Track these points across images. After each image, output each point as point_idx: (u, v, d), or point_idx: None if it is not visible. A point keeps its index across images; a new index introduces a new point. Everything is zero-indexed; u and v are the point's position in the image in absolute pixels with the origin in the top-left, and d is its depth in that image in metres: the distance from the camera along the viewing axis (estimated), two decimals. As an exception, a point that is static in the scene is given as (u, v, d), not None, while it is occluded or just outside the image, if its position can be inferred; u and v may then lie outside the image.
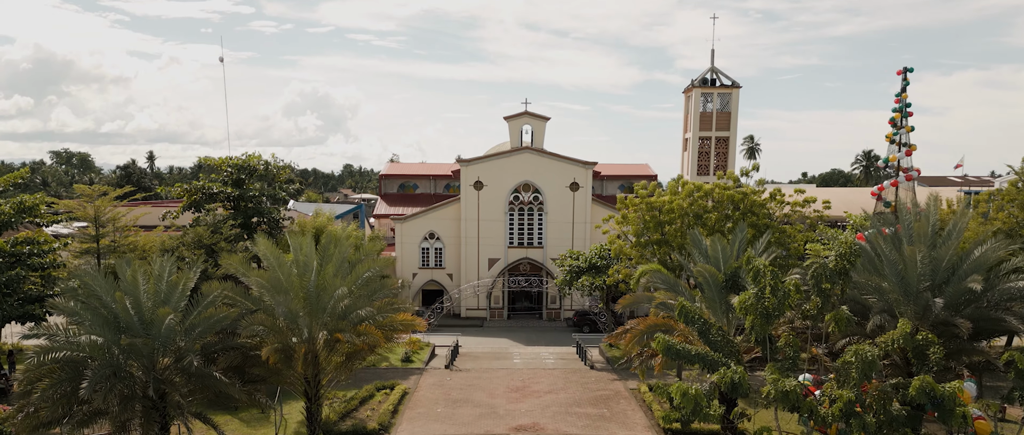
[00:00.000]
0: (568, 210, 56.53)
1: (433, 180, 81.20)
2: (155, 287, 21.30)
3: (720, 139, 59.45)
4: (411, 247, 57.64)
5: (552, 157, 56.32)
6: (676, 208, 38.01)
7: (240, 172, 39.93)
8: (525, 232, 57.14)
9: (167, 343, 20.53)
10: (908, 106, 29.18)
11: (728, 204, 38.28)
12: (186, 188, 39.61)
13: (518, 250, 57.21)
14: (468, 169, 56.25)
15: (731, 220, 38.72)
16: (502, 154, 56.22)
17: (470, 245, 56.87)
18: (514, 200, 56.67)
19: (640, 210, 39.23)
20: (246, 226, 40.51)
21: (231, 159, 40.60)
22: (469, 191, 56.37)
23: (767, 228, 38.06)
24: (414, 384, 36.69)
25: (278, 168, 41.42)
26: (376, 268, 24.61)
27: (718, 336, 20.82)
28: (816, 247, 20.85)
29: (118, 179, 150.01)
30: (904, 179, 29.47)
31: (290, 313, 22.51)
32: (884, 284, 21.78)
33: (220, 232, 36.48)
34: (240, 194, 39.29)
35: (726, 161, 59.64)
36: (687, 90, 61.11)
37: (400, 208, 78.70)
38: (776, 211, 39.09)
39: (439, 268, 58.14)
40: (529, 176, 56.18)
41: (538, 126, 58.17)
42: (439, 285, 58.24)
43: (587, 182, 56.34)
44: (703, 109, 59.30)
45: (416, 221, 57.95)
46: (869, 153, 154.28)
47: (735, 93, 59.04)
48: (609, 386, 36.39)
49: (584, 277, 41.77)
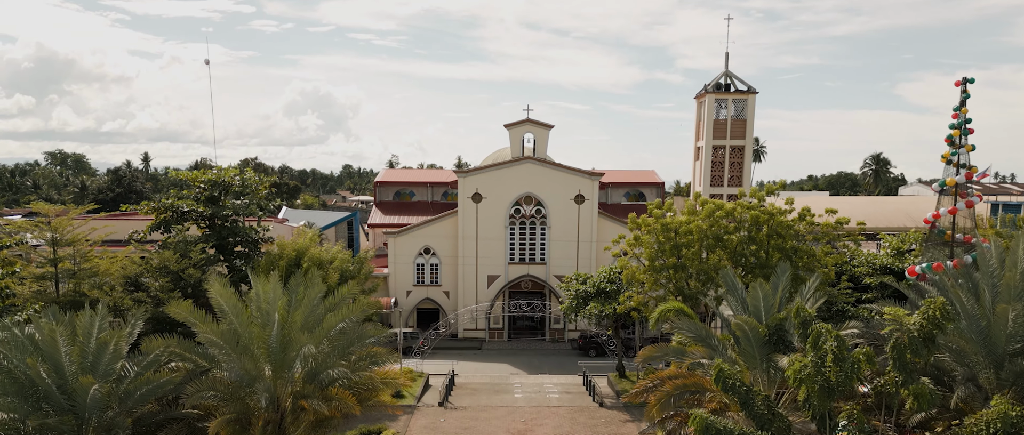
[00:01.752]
0: (573, 224, 52.80)
1: (431, 187, 77.66)
2: (81, 348, 17.55)
3: (735, 148, 55.69)
4: (405, 263, 53.90)
5: (556, 168, 52.60)
6: (695, 230, 34.28)
7: (214, 188, 36.16)
8: (527, 247, 53.41)
9: (93, 417, 16.82)
10: (968, 122, 25.42)
11: (752, 225, 34.53)
12: (154, 206, 35.83)
13: (519, 267, 53.48)
14: (466, 180, 52.52)
15: (755, 242, 35.02)
16: (502, 164, 52.49)
17: (468, 261, 53.16)
18: (515, 213, 52.93)
19: (654, 231, 35.50)
20: (222, 248, 36.76)
21: (204, 173, 36.81)
22: (467, 204, 52.63)
23: (795, 251, 34.37)
24: (404, 427, 32.97)
25: (256, 183, 37.61)
26: (355, 316, 20.77)
27: (763, 407, 17.12)
28: (896, 312, 17.03)
29: (108, 183, 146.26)
30: (965, 206, 25.71)
31: (247, 374, 18.77)
32: (963, 344, 18.00)
33: (189, 256, 32.71)
34: (214, 212, 35.54)
35: (741, 171, 55.89)
36: (699, 95, 57.33)
37: (396, 217, 75.06)
38: (805, 231, 35.34)
39: (435, 285, 54.42)
40: (531, 188, 52.45)
41: (541, 134, 54.41)
42: (435, 304, 54.53)
43: (593, 194, 52.59)
44: (716, 116, 55.54)
45: (410, 235, 54.21)
46: (878, 156, 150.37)
47: (751, 99, 55.28)
48: (621, 430, 32.66)
49: (592, 304, 38.02)
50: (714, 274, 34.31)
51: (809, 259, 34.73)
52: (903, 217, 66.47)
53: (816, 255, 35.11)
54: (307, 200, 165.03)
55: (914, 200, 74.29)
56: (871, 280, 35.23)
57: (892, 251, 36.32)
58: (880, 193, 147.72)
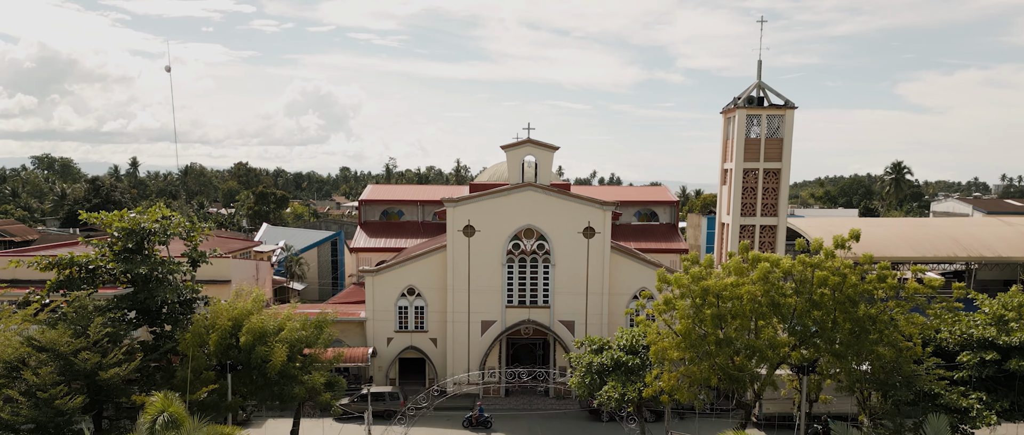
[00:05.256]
0: (581, 262, 45.03)
1: (421, 206, 70.21)
2: None
3: (769, 172, 47.96)
4: (385, 305, 46.14)
5: (561, 196, 44.85)
6: (745, 295, 26.55)
7: (131, 238, 28.40)
8: (527, 288, 45.65)
9: None
10: None
11: (818, 285, 26.81)
12: (50, 260, 28.02)
13: (519, 310, 45.73)
14: (456, 210, 44.77)
15: (818, 305, 27.32)
16: (499, 192, 44.75)
17: (459, 304, 45.43)
18: (514, 249, 45.18)
19: (690, 293, 27.76)
20: (145, 312, 29.06)
21: (120, 217, 28.96)
22: (457, 237, 44.88)
23: (871, 320, 26.67)
24: None
25: (189, 228, 29.82)
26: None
27: None
28: None
29: (85, 193, 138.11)
30: None
31: None
32: None
33: (87, 335, 25.00)
34: (126, 270, 27.81)
35: (777, 199, 48.18)
36: (727, 110, 49.60)
37: (383, 239, 67.36)
38: (887, 295, 27.62)
39: (421, 332, 46.66)
40: (533, 219, 44.71)
41: (543, 157, 46.65)
42: (421, 353, 46.79)
43: (605, 226, 44.82)
44: (748, 134, 47.80)
45: (392, 274, 46.41)
46: (898, 165, 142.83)
47: (789, 115, 47.56)
48: None
49: (610, 384, 30.15)
50: (768, 351, 26.66)
51: (891, 331, 27.06)
52: (951, 244, 58.70)
53: (899, 325, 27.42)
54: (297, 209, 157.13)
55: (962, 224, 66.50)
56: (967, 357, 27.50)
57: (992, 318, 28.59)
58: (902, 202, 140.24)
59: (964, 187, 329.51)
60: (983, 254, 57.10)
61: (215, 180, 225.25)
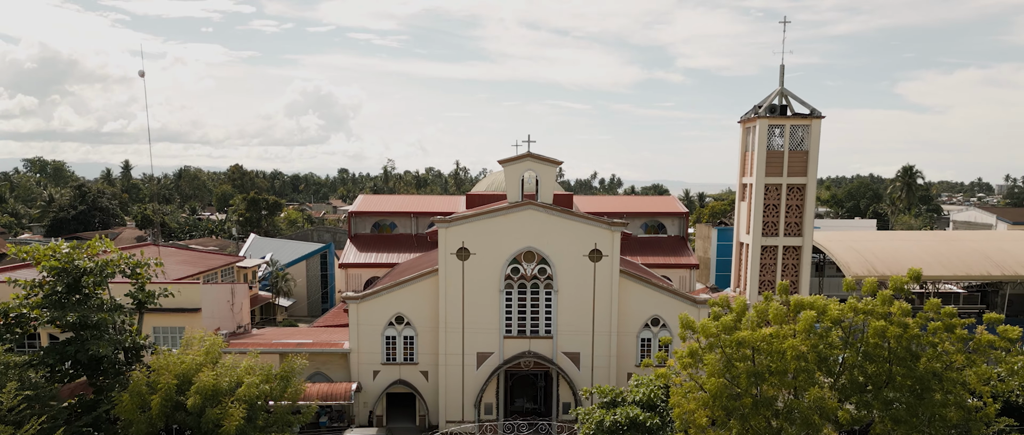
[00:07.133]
0: (587, 288, 40.77)
1: (415, 218, 66.14)
2: None
3: (794, 188, 43.63)
4: (371, 335, 41.87)
5: (565, 215, 40.58)
6: (788, 350, 22.28)
7: (62, 278, 24.17)
8: (528, 317, 41.38)
9: None
10: None
11: (872, 337, 22.56)
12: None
13: (518, 341, 41.46)
14: (448, 232, 40.50)
15: (872, 359, 23.11)
16: (496, 211, 40.51)
17: (452, 334, 41.18)
18: (512, 274, 40.92)
19: (719, 345, 23.52)
20: (85, 366, 24.80)
21: (53, 252, 24.71)
22: (450, 261, 40.62)
23: (937, 377, 22.45)
24: None
25: (134, 265, 25.58)
26: None
27: None
28: None
29: (71, 200, 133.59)
30: None
31: None
32: None
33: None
34: (54, 318, 23.57)
35: (801, 217, 43.87)
36: (746, 120, 45.29)
37: (373, 253, 63.27)
38: (952, 348, 23.35)
39: (410, 364, 42.37)
40: (533, 241, 40.45)
41: (545, 172, 42.36)
42: (410, 387, 42.50)
43: (613, 249, 40.55)
44: (770, 146, 43.52)
45: (378, 301, 42.09)
46: (909, 170, 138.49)
47: (815, 125, 43.27)
48: None
49: (625, 447, 25.97)
50: (815, 416, 22.42)
51: (958, 389, 22.81)
52: (984, 261, 54.44)
53: (969, 383, 23.16)
54: (291, 215, 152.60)
55: (992, 239, 62.12)
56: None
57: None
58: (911, 206, 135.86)
59: (967, 187, 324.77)
60: (1020, 272, 52.91)
61: (211, 183, 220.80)
